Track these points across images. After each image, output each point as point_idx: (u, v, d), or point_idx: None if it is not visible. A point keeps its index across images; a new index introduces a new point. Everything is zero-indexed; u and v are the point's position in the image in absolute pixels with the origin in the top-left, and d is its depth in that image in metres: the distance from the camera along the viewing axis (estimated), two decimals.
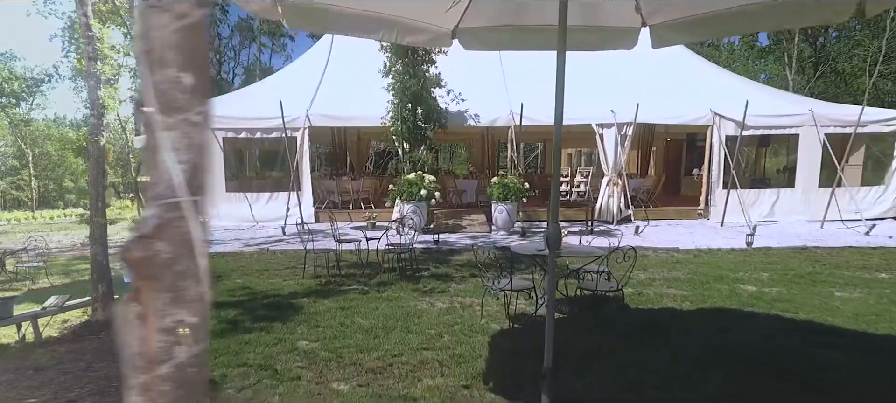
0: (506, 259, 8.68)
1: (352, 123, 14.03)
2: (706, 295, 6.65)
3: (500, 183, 11.74)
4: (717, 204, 13.87)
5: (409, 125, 12.30)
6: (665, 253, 9.80)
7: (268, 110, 13.36)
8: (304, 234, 7.73)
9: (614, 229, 12.74)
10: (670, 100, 14.26)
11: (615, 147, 13.51)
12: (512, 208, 11.75)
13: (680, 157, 22.21)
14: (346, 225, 13.18)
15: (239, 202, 13.81)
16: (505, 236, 11.66)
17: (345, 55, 16.11)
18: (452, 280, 7.59)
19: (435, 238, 10.52)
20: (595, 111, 13.71)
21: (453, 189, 15.04)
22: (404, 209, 11.70)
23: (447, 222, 12.88)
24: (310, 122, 13.46)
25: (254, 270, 8.31)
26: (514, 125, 13.36)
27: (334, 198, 14.57)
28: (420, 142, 12.55)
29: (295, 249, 10.15)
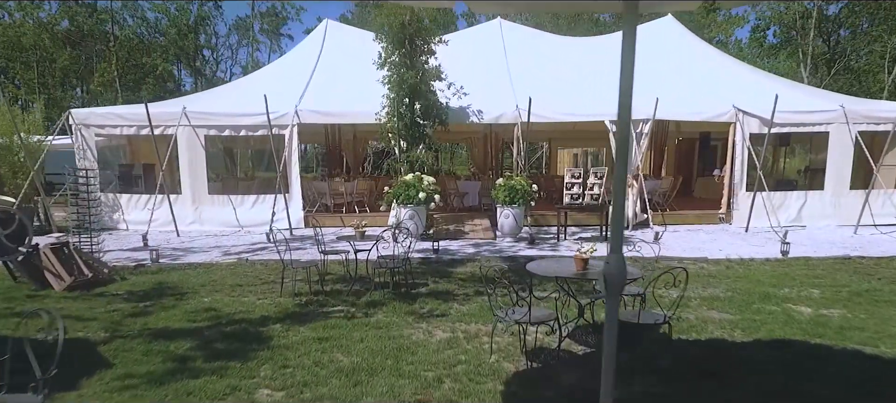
0: (512, 273, 7.61)
1: (344, 120, 12.95)
2: (758, 321, 5.57)
3: (505, 185, 10.68)
4: (740, 207, 12.80)
5: (406, 121, 11.23)
6: (693, 264, 8.73)
7: (254, 106, 12.30)
8: (282, 244, 6.65)
9: (630, 235, 11.67)
10: (689, 95, 13.19)
11: (629, 146, 12.43)
12: (519, 212, 10.68)
13: (692, 157, 21.16)
14: (336, 231, 12.13)
15: (223, 205, 12.74)
16: (511, 243, 10.59)
17: (339, 47, 15.05)
18: (454, 298, 6.52)
19: (434, 246, 9.46)
20: (608, 107, 12.63)
21: (454, 191, 13.97)
22: (401, 213, 10.63)
23: (448, 227, 11.81)
24: (299, 119, 12.39)
25: (226, 285, 7.24)
26: (520, 122, 12.29)
27: (326, 201, 13.50)
28: (418, 140, 11.48)
29: (278, 260, 9.07)
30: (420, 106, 11.28)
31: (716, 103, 12.87)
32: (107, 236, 11.98)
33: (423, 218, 10.71)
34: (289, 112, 12.34)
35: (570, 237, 11.32)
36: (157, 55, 28.86)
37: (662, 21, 16.44)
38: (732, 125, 12.70)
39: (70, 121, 12.48)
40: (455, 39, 14.29)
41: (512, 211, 10.66)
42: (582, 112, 12.69)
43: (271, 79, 14.33)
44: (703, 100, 13.10)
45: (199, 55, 35.65)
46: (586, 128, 20.04)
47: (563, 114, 12.60)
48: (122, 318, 5.66)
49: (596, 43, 17.26)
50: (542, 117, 12.18)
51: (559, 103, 12.75)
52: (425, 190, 10.46)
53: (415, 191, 10.38)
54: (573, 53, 15.69)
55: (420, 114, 11.34)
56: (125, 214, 12.71)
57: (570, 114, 12.64)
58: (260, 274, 8.08)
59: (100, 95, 27.68)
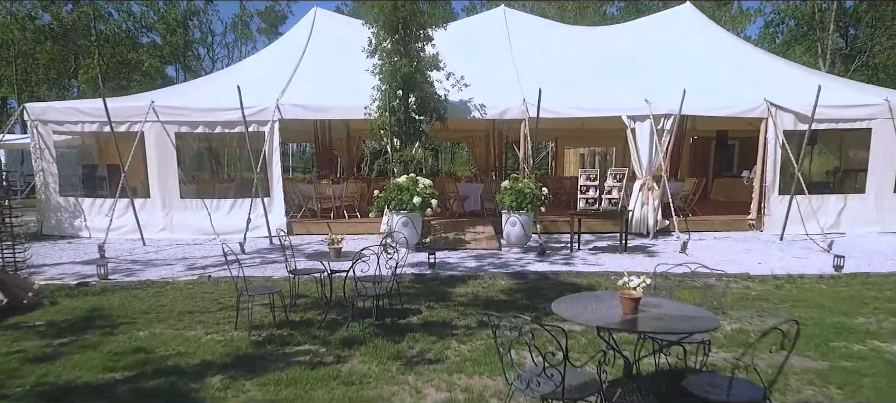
0: (523, 294, 6.30)
1: (332, 115, 11.65)
2: (853, 371, 4.25)
3: (512, 188, 9.37)
4: (771, 212, 11.48)
5: (399, 116, 9.93)
6: (735, 281, 7.41)
7: (231, 100, 11.03)
8: (245, 260, 5.35)
9: (651, 244, 10.36)
10: (713, 88, 11.86)
11: (650, 144, 11.12)
12: (527, 220, 9.38)
13: (708, 157, 19.84)
14: (321, 240, 10.83)
15: (196, 210, 11.44)
16: (519, 255, 9.28)
17: (328, 37, 13.75)
18: (452, 333, 5.21)
19: (430, 259, 8.14)
20: (625, 101, 11.34)
21: (454, 194, 12.67)
22: (393, 221, 9.32)
23: (446, 236, 10.50)
24: (280, 114, 11.10)
25: (174, 312, 5.94)
26: (528, 117, 10.98)
27: (313, 205, 12.19)
28: (413, 137, 10.17)
29: (253, 276, 7.77)
30: (415, 98, 9.98)
31: (744, 97, 11.56)
32: (65, 245, 10.71)
33: (419, 225, 9.40)
34: (269, 106, 11.04)
35: (584, 247, 10.02)
36: (144, 51, 27.58)
37: (681, 10, 15.11)
38: (764, 121, 11.39)
39: (25, 116, 11.19)
40: (455, 29, 13.01)
41: (519, 218, 9.35)
42: (596, 106, 11.38)
43: (253, 72, 13.05)
44: (730, 93, 11.79)
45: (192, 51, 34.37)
46: (595, 127, 18.81)
47: (575, 109, 11.29)
48: (19, 364, 4.37)
49: (608, 33, 15.95)
50: (552, 112, 10.87)
51: (570, 97, 11.44)
52: (421, 194, 9.16)
53: (408, 196, 9.07)
54: (583, 44, 14.39)
55: (415, 107, 10.04)
56: (87, 220, 11.41)
57: (583, 108, 11.33)
58: (221, 295, 6.78)
59: (86, 94, 26.43)
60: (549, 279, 7.49)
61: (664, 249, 9.92)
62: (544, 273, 7.79)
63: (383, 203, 9.27)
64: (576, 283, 7.26)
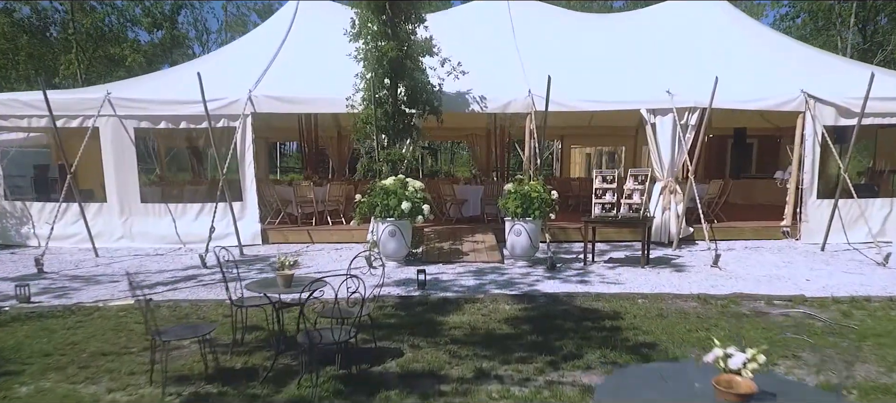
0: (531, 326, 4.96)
1: (313, 108, 10.31)
2: None
3: (517, 191, 8.05)
4: (809, 218, 10.15)
5: (386, 109, 8.61)
6: (788, 304, 6.08)
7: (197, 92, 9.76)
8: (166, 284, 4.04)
9: (675, 256, 9.04)
10: (741, 78, 10.51)
11: (673, 141, 9.80)
12: (535, 228, 8.05)
13: (723, 157, 18.51)
14: (300, 249, 9.52)
15: (159, 216, 10.14)
16: (525, 269, 7.97)
17: (312, 25, 12.41)
18: (441, 391, 3.89)
19: (420, 277, 6.81)
20: (643, 92, 10.02)
21: (451, 198, 11.34)
22: (378, 230, 8.01)
23: (441, 246, 9.17)
24: (253, 107, 9.78)
25: (85, 354, 4.63)
26: (534, 111, 9.67)
27: (292, 209, 10.88)
28: (404, 133, 8.86)
29: (203, 300, 6.48)
30: (405, 88, 8.67)
31: (778, 88, 10.24)
32: (6, 256, 9.40)
33: (408, 235, 8.08)
34: (240, 98, 9.73)
35: (599, 258, 8.70)
36: (128, 46, 26.26)
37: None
38: (801, 116, 10.06)
39: None
40: (452, 14, 11.72)
41: (525, 226, 8.03)
42: (612, 98, 10.05)
43: (227, 61, 11.75)
44: (761, 84, 10.46)
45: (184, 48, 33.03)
46: (603, 124, 17.51)
47: (587, 102, 9.96)
48: None
49: (621, 19, 14.63)
50: (562, 105, 9.55)
51: (581, 88, 10.11)
52: (410, 198, 7.84)
53: (396, 201, 7.76)
54: (594, 31, 13.06)
55: (405, 98, 8.73)
56: (36, 228, 10.10)
57: (597, 101, 9.99)
58: (159, 324, 5.45)
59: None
60: (563, 303, 6.17)
61: (691, 262, 8.59)
62: (556, 295, 6.46)
63: (367, 209, 7.95)
64: (596, 309, 5.93)
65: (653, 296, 6.37)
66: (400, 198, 7.74)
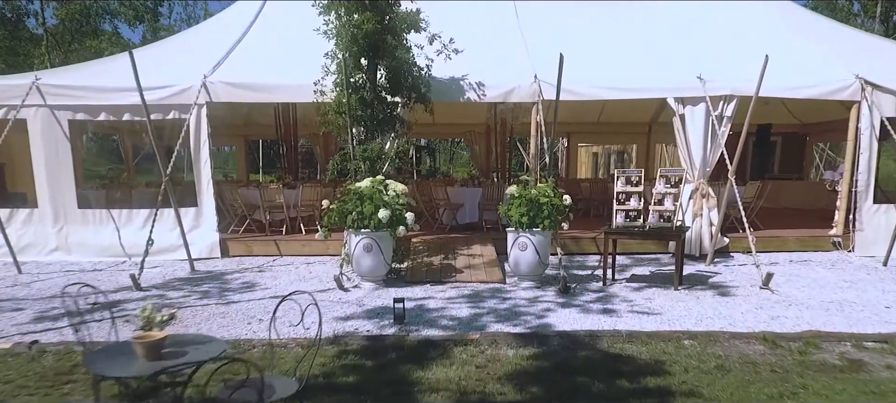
0: (545, 388, 3.44)
1: (278, 96, 8.71)
2: None
3: (522, 196, 6.52)
4: (864, 226, 8.64)
5: (363, 95, 7.09)
6: (884, 348, 4.56)
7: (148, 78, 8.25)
8: None
9: (711, 273, 7.52)
10: (784, 63, 8.96)
11: (705, 135, 8.29)
12: (544, 241, 6.52)
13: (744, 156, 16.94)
14: (268, 263, 7.98)
15: (100, 225, 8.62)
16: (532, 292, 6.45)
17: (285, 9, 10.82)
18: None
19: (397, 307, 5.26)
20: (670, 78, 8.51)
21: (444, 202, 9.80)
22: (351, 244, 6.48)
23: (431, 261, 7.65)
24: (209, 96, 8.27)
25: None
26: (541, 100, 8.15)
27: (260, 216, 9.36)
28: (385, 125, 7.33)
29: (107, 337, 4.93)
30: (386, 71, 7.15)
31: (827, 73, 8.73)
32: None
33: (388, 249, 6.55)
34: (193, 85, 8.21)
35: (620, 275, 7.20)
36: (105, 38, 24.75)
37: None
38: (855, 106, 8.55)
39: None
40: None
41: (532, 239, 6.50)
42: (633, 85, 8.52)
43: (186, 47, 10.19)
44: (808, 70, 8.93)
45: None
46: (614, 120, 15.98)
47: (605, 89, 8.44)
48: None
49: None
50: (575, 94, 8.05)
51: (595, 75, 8.58)
52: (390, 204, 6.31)
53: (372, 208, 6.23)
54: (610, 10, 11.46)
55: (386, 83, 7.21)
56: None
57: (616, 88, 8.48)
58: (34, 379, 3.96)
59: None
60: (585, 346, 4.64)
61: (733, 281, 7.07)
62: (575, 334, 4.92)
63: (337, 218, 6.42)
64: (630, 357, 4.42)
65: (702, 335, 4.84)
66: (377, 204, 6.22)
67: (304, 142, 20.24)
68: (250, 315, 5.51)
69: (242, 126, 15.71)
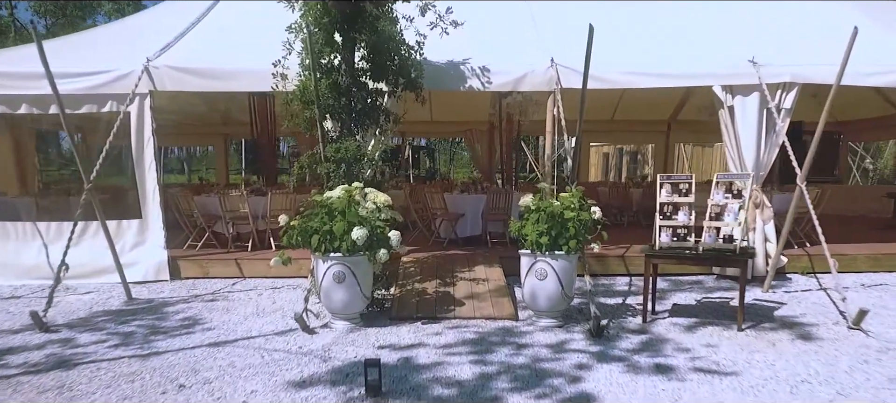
0: None
1: (236, 83, 7.07)
2: None
3: (541, 208, 5.00)
4: None
5: (336, 79, 5.58)
6: None
7: (79, 64, 6.80)
8: None
9: (775, 303, 6.01)
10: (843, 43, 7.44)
11: (759, 131, 6.81)
12: (569, 268, 5.01)
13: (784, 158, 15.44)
14: (228, 286, 6.46)
15: (22, 240, 7.12)
16: (555, 334, 4.96)
17: None
18: None
19: (371, 376, 3.72)
20: (715, 62, 7.00)
21: (441, 211, 8.28)
22: (319, 272, 4.96)
23: (424, 288, 6.12)
24: (153, 82, 6.76)
25: None
26: (559, 88, 6.65)
27: (222, 228, 7.86)
28: (366, 117, 5.82)
29: None
30: (367, 49, 5.63)
31: None
32: None
33: (366, 278, 5.03)
34: (133, 71, 6.71)
35: (660, 306, 5.70)
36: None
37: None
38: None
39: None
40: None
41: (554, 264, 4.99)
42: (671, 71, 7.00)
43: (134, 30, 8.66)
44: (876, 52, 7.40)
45: None
46: (631, 118, 14.43)
47: (641, 76, 6.94)
48: None
49: None
50: (602, 81, 6.55)
51: (624, 60, 7.07)
52: (368, 222, 4.80)
53: (344, 226, 4.71)
54: None
55: (367, 65, 5.70)
56: None
57: (655, 74, 6.96)
58: None
59: None
60: None
61: (806, 315, 5.58)
62: None
63: (299, 238, 4.90)
64: None
65: None
66: (351, 221, 4.70)
67: (290, 142, 18.77)
68: (171, 377, 4.00)
69: (221, 124, 14.24)
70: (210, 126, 14.28)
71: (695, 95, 12.17)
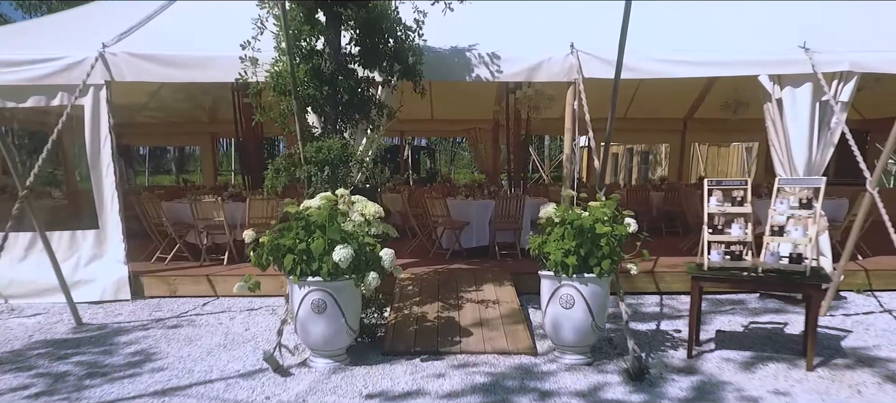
0: None
1: (205, 73, 6.07)
2: None
3: (567, 220, 4.07)
4: None
5: (321, 65, 4.65)
6: None
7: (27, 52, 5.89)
8: None
9: (837, 330, 5.07)
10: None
11: (811, 127, 5.87)
12: (601, 293, 4.09)
13: None
14: (188, 310, 5.52)
15: None
16: (584, 377, 4.06)
17: None
18: None
19: None
20: (760, 48, 6.06)
21: (442, 219, 7.33)
22: (295, 299, 4.01)
23: (423, 313, 5.18)
24: (110, 72, 5.83)
25: None
26: (579, 78, 5.74)
27: (195, 239, 6.93)
28: (352, 109, 4.89)
29: None
30: (355, 29, 4.70)
31: None
32: None
33: (352, 307, 4.10)
34: (86, 58, 5.78)
35: (706, 337, 4.77)
36: None
37: None
38: None
39: None
40: None
41: (583, 290, 4.06)
42: (715, 59, 6.04)
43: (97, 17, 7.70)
44: None
45: None
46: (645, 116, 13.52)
47: (676, 65, 6.00)
48: None
49: None
50: (635, 71, 5.63)
51: (654, 46, 6.12)
52: (354, 238, 3.87)
53: (324, 243, 3.77)
54: None
55: (355, 49, 4.77)
56: None
57: (693, 62, 6.01)
58: None
59: None
60: None
61: (881, 346, 4.65)
62: None
63: (267, 257, 3.97)
64: None
65: None
66: (332, 238, 3.76)
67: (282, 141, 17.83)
68: None
69: (208, 123, 13.33)
70: (196, 124, 13.39)
71: (715, 90, 11.28)
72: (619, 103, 11.73)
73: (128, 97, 10.88)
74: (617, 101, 4.68)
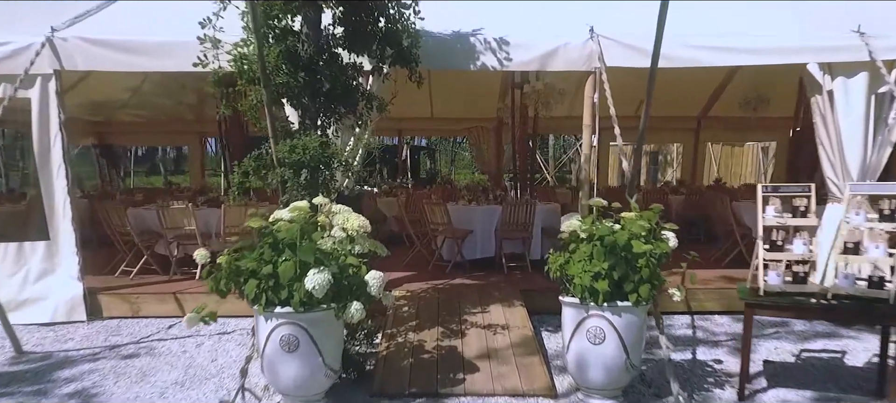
0: None
1: (170, 61, 5.23)
2: None
3: (595, 235, 3.30)
4: None
5: (296, 44, 3.87)
6: None
7: None
8: None
9: None
10: None
11: (866, 123, 5.10)
12: (637, 324, 3.33)
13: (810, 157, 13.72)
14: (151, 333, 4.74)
15: None
16: None
17: None
18: None
19: None
20: (809, 33, 5.28)
21: (443, 227, 6.55)
22: (261, 334, 3.22)
23: (420, 342, 4.40)
24: (60, 60, 5.06)
25: None
26: (601, 67, 4.98)
27: (163, 249, 6.16)
28: (342, 101, 4.11)
29: None
30: (340, 6, 3.92)
31: None
32: None
33: (331, 343, 3.31)
34: (32, 44, 5.00)
35: (755, 369, 4.00)
36: None
37: None
38: None
39: None
40: None
41: (614, 320, 3.29)
42: (756, 46, 5.25)
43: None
44: None
45: None
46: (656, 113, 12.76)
47: (713, 51, 5.22)
48: None
49: None
50: (667, 58, 4.78)
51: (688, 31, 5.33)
52: (335, 258, 3.09)
53: (295, 267, 2.99)
54: None
55: (340, 30, 4.00)
56: None
57: (732, 50, 5.23)
58: None
59: None
60: None
61: None
62: None
63: (226, 282, 3.18)
64: None
65: None
66: (306, 258, 2.98)
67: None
68: None
69: (195, 121, 12.55)
70: (183, 123, 12.64)
71: (733, 85, 10.53)
72: (631, 99, 11.00)
73: (106, 94, 10.12)
74: (653, 92, 3.90)
